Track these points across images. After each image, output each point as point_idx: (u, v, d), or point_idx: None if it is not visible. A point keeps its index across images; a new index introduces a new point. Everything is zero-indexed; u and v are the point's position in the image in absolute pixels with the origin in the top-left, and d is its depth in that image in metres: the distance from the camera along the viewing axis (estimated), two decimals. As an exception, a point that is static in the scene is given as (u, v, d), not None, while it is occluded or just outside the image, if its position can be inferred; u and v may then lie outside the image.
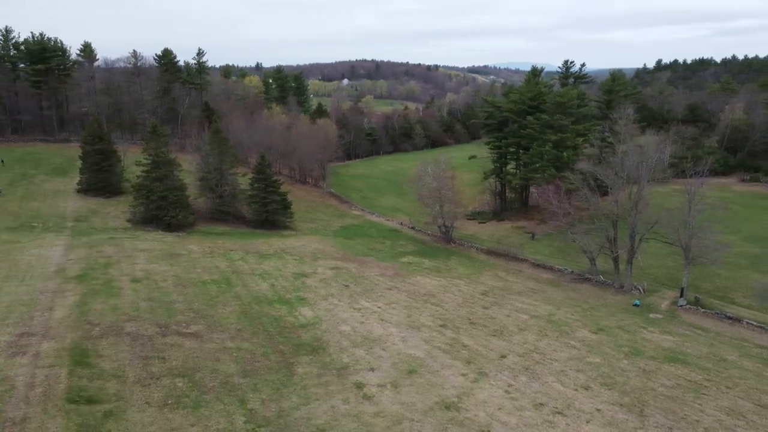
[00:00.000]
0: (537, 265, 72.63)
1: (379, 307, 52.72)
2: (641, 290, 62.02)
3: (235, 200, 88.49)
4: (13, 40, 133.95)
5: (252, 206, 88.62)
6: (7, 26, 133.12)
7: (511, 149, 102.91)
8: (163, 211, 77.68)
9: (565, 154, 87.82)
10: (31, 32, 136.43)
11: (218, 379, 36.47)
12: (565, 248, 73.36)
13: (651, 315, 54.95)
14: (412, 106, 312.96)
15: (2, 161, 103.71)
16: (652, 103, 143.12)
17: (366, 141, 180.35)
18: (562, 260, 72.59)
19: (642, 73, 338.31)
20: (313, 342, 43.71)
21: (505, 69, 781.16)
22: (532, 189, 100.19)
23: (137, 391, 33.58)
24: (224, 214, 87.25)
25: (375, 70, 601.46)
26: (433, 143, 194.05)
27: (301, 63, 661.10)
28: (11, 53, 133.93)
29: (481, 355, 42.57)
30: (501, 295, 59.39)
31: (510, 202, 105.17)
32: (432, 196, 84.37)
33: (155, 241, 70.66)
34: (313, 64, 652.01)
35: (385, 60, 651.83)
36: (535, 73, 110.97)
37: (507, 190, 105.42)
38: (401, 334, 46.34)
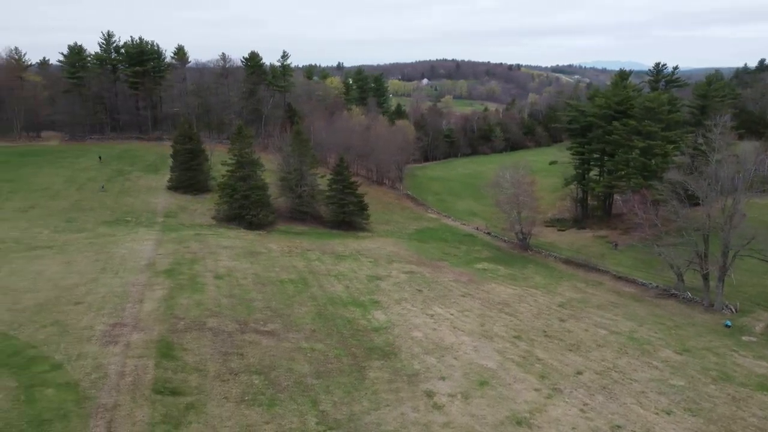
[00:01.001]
0: (619, 278, 69.73)
1: (452, 314, 52.41)
2: (733, 310, 58.18)
3: (313, 200, 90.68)
4: (114, 44, 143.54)
5: (329, 207, 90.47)
6: (109, 30, 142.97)
7: (595, 155, 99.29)
8: (245, 209, 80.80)
9: (653, 162, 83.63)
10: (131, 36, 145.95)
11: (292, 378, 37.50)
12: (650, 261, 69.92)
13: (744, 337, 51.43)
14: (492, 106, 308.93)
15: (100, 158, 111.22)
16: (752, 107, 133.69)
17: (444, 143, 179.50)
18: (646, 274, 69.25)
19: (742, 74, 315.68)
20: (385, 346, 44.06)
21: (591, 68, 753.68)
22: (616, 197, 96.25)
23: (217, 386, 35.11)
24: (303, 213, 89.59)
25: (455, 69, 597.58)
26: (513, 146, 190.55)
27: (382, 63, 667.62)
28: (112, 56, 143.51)
29: (555, 370, 41.42)
30: (579, 307, 57.48)
31: (592, 210, 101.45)
32: (509, 202, 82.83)
33: (237, 238, 73.54)
34: (393, 63, 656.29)
35: (466, 59, 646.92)
36: (623, 76, 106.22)
37: (589, 198, 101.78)
38: (474, 343, 45.87)
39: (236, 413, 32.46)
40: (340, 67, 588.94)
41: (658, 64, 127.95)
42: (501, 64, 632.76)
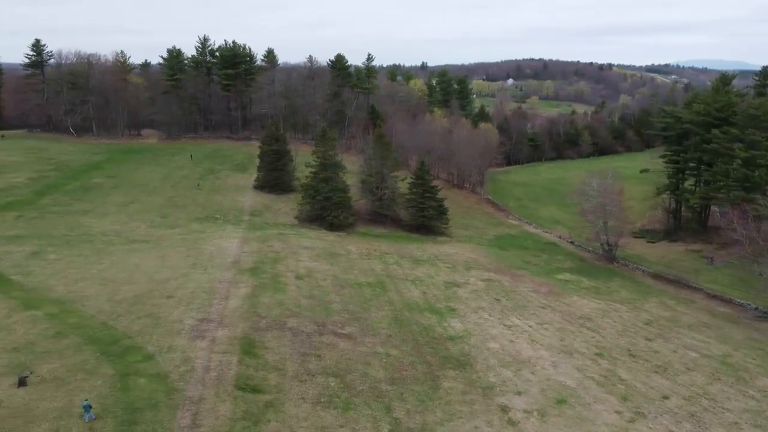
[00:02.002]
0: (713, 296, 65.45)
1: (531, 327, 51.23)
2: None
3: (393, 203, 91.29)
4: (210, 48, 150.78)
5: (409, 210, 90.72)
6: (205, 35, 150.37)
7: (691, 164, 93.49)
8: (326, 210, 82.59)
9: (756, 173, 77.63)
10: (225, 40, 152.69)
11: (367, 383, 38.00)
12: (749, 280, 65.09)
13: None
14: (580, 108, 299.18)
15: (191, 156, 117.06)
16: None
17: (528, 146, 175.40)
18: (745, 293, 64.51)
19: None
20: (460, 356, 43.74)
21: (689, 68, 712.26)
22: (714, 208, 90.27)
23: (295, 386, 36.16)
24: (382, 216, 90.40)
25: (542, 69, 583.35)
26: (601, 151, 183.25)
27: (466, 62, 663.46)
28: (207, 59, 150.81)
29: (639, 393, 39.56)
30: (668, 326, 54.49)
31: (686, 222, 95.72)
32: (595, 211, 79.73)
33: (318, 239, 75.27)
34: (478, 63, 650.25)
35: (554, 59, 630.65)
36: (725, 80, 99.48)
37: (683, 209, 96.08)
38: (552, 358, 44.64)
39: (312, 414, 33.29)
40: (424, 67, 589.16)
41: (765, 68, 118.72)
42: (591, 63, 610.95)
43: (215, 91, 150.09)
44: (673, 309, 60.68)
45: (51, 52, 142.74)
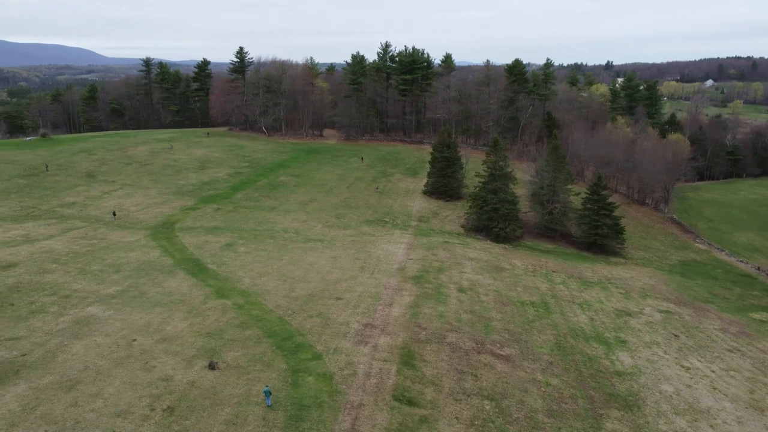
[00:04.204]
0: None
1: (713, 371, 46.08)
2: None
3: (564, 218, 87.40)
4: (390, 54, 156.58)
5: (581, 226, 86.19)
6: (387, 41, 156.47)
7: None
8: (493, 222, 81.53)
9: None
10: (405, 46, 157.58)
11: (523, 411, 37.03)
12: None
13: None
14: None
15: (362, 158, 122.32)
16: None
17: (725, 160, 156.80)
18: None
19: None
20: (627, 396, 40.77)
21: None
22: None
23: (449, 404, 36.42)
24: (551, 230, 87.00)
25: (750, 69, 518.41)
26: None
27: (657, 61, 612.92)
28: (387, 64, 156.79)
29: None
30: None
31: None
32: (806, 244, 69.24)
33: (483, 251, 74.64)
34: (671, 62, 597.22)
35: (765, 57, 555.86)
36: None
37: None
38: (737, 412, 39.77)
39: (465, 437, 33.26)
40: (608, 66, 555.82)
41: None
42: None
43: (392, 95, 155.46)
44: None
45: (251, 58, 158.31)
